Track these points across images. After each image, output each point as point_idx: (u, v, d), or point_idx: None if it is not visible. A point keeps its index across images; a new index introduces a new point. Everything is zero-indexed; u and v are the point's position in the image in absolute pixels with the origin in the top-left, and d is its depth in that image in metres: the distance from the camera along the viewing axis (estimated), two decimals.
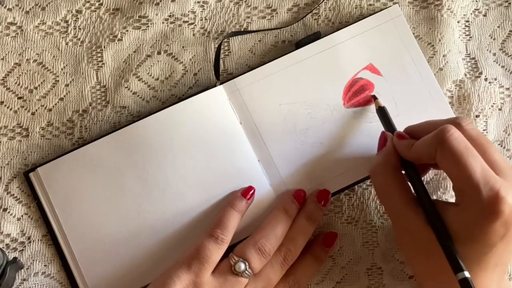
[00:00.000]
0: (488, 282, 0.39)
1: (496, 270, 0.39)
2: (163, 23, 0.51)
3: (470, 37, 0.52)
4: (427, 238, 0.39)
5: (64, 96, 0.50)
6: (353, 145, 0.48)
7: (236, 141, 0.48)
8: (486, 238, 0.37)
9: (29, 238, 0.48)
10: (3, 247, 0.48)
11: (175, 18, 0.51)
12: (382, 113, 0.47)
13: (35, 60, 0.50)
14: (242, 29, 0.51)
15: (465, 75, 0.51)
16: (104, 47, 0.51)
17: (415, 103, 0.49)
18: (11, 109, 0.50)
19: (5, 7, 0.51)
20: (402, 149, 0.43)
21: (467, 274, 0.37)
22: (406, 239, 0.42)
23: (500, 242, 0.37)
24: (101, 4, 0.51)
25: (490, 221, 0.37)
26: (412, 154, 0.42)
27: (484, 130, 0.50)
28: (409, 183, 0.43)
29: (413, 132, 0.44)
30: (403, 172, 0.43)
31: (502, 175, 0.38)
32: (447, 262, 0.38)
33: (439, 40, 0.51)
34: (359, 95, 0.49)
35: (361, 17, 0.51)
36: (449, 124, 0.39)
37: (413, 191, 0.42)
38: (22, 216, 0.48)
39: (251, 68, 0.50)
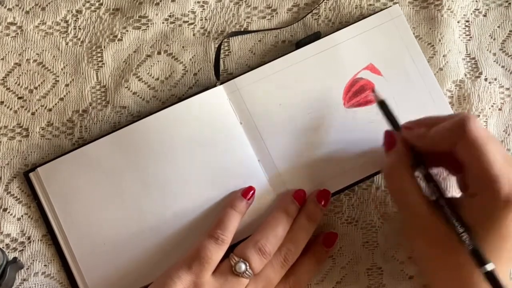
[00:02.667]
0: (502, 275, 0.39)
1: (509, 263, 0.39)
2: (163, 23, 0.51)
3: (470, 37, 0.52)
4: (445, 235, 0.39)
5: (64, 96, 0.50)
6: (353, 145, 0.48)
7: (236, 141, 0.48)
8: (503, 230, 0.37)
9: (29, 238, 0.48)
10: (3, 247, 0.48)
11: (175, 18, 0.51)
12: (384, 107, 0.45)
13: (35, 60, 0.50)
14: (242, 29, 0.51)
15: (465, 75, 0.51)
16: (104, 47, 0.51)
17: (415, 103, 0.49)
18: (11, 109, 0.50)
19: (5, 7, 0.51)
20: (417, 138, 0.42)
21: (491, 266, 0.36)
22: (422, 237, 0.42)
23: None
24: (101, 4, 0.51)
25: (508, 211, 0.37)
26: (429, 141, 0.41)
27: None
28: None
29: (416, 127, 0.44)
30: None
31: None
32: (466, 258, 0.38)
33: (439, 40, 0.51)
34: (359, 95, 0.49)
35: (361, 17, 0.51)
36: (469, 115, 0.40)
37: (423, 190, 0.42)
38: (22, 216, 0.48)
39: (251, 68, 0.50)
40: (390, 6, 0.50)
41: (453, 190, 0.48)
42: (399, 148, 0.43)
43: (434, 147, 0.42)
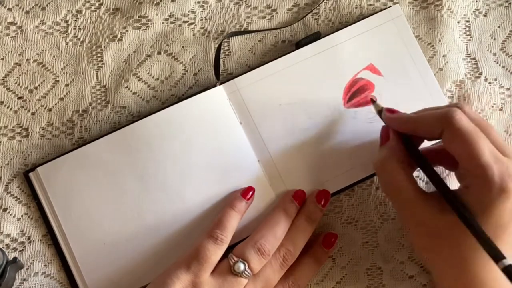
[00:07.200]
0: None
1: (510, 249, 0.39)
2: (163, 23, 0.51)
3: (470, 37, 0.52)
4: (442, 226, 0.39)
5: (64, 96, 0.50)
6: (353, 145, 0.48)
7: (236, 141, 0.48)
8: (499, 219, 0.37)
9: (29, 238, 0.48)
10: (3, 247, 0.48)
11: (175, 18, 0.51)
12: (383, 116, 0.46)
13: (35, 60, 0.50)
14: (242, 29, 0.51)
15: (465, 75, 0.51)
16: (104, 47, 0.51)
17: (415, 103, 0.49)
18: (11, 109, 0.50)
19: (5, 7, 0.51)
20: (399, 121, 0.43)
21: (510, 261, 0.36)
22: (419, 231, 0.41)
23: None
24: (101, 4, 0.51)
25: (502, 199, 0.37)
26: (413, 125, 0.42)
27: None
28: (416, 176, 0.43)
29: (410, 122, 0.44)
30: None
31: (507, 156, 0.39)
32: (465, 249, 0.38)
33: (439, 40, 0.51)
34: (359, 95, 0.49)
35: (361, 17, 0.51)
36: (454, 108, 0.40)
37: (421, 184, 0.42)
38: (22, 216, 0.48)
39: (251, 68, 0.50)
40: (390, 6, 0.50)
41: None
42: (391, 142, 0.43)
43: (419, 133, 0.42)
